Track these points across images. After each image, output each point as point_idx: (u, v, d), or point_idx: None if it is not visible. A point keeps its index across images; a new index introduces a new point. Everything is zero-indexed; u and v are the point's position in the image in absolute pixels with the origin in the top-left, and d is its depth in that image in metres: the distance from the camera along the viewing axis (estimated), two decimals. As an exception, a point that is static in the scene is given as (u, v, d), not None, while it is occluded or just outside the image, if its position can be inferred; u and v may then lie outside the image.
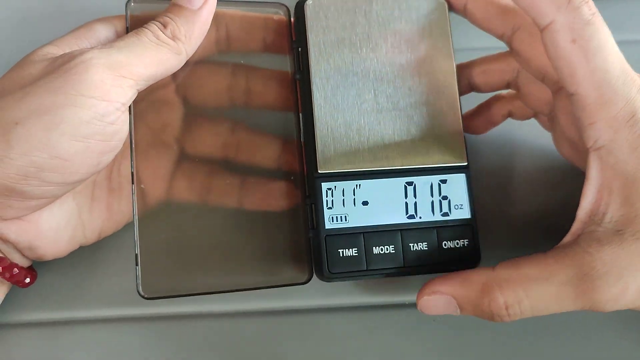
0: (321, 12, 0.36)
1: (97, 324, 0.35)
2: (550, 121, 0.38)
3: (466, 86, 0.39)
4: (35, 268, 0.35)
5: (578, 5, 0.29)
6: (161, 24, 0.33)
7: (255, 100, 0.37)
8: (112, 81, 0.30)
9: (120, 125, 0.31)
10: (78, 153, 0.30)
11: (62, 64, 0.30)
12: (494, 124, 0.41)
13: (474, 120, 0.41)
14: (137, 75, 0.31)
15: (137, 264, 0.33)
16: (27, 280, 0.34)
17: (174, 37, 0.33)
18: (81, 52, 0.30)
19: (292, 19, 0.37)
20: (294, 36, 0.37)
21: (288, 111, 0.37)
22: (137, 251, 0.33)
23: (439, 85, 0.37)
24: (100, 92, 0.30)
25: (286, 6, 0.37)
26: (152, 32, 0.32)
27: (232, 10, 0.37)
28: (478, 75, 0.38)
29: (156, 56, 0.32)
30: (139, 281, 0.33)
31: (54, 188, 0.31)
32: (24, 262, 0.34)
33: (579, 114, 0.31)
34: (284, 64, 0.37)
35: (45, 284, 0.36)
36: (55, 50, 0.32)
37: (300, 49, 0.36)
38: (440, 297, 0.33)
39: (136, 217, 0.33)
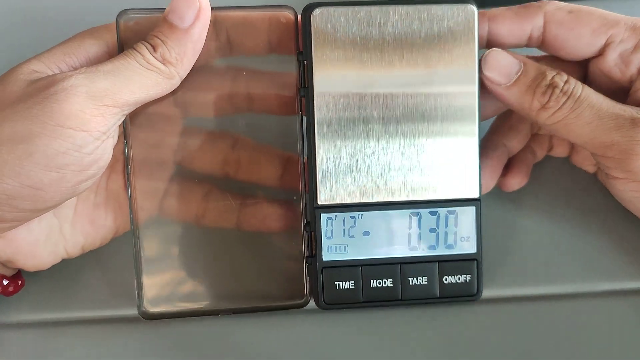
0: (329, 25, 0.32)
1: (90, 324, 0.36)
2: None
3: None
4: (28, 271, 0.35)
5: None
6: (151, 46, 0.30)
7: (258, 111, 0.34)
8: (93, 111, 0.29)
9: (99, 154, 0.30)
10: (52, 183, 0.29)
11: (43, 88, 0.29)
12: (529, 169, 0.38)
13: (511, 177, 0.37)
14: (123, 102, 0.30)
15: (137, 286, 0.34)
16: (11, 289, 0.34)
17: (164, 61, 0.30)
18: (63, 78, 0.29)
19: (299, 21, 0.33)
20: (300, 46, 0.33)
21: (292, 125, 0.34)
22: (137, 273, 0.34)
23: (458, 110, 0.33)
24: (78, 122, 0.28)
25: (292, 8, 0.33)
26: (141, 56, 0.30)
27: (233, 12, 0.33)
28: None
29: (145, 82, 0.30)
30: (140, 303, 0.34)
31: (27, 214, 0.30)
32: (6, 272, 0.34)
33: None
34: (290, 70, 0.34)
35: (37, 286, 0.36)
36: (41, 67, 0.31)
37: (305, 63, 0.33)
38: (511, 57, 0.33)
39: (136, 240, 0.34)
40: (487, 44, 0.34)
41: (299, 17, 0.33)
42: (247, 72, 0.34)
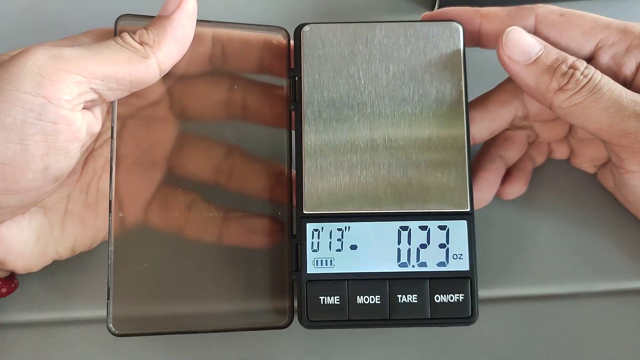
0: (318, 40, 0.34)
1: (89, 324, 0.36)
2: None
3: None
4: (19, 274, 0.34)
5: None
6: (132, 32, 0.31)
7: (249, 122, 0.35)
8: (53, 75, 0.28)
9: (65, 124, 0.29)
10: (16, 156, 0.28)
11: (11, 57, 0.29)
12: (527, 177, 0.38)
13: (509, 186, 0.37)
14: (89, 72, 0.29)
15: (108, 298, 0.32)
16: (4, 290, 0.33)
17: (141, 42, 0.31)
18: (33, 46, 0.29)
19: (291, 44, 0.35)
20: (292, 63, 0.35)
21: (281, 138, 0.35)
22: (110, 285, 0.32)
23: (446, 122, 0.33)
24: (35, 86, 0.28)
25: (286, 30, 0.35)
26: (120, 38, 0.31)
27: (229, 29, 0.35)
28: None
29: (116, 56, 0.30)
30: (110, 317, 0.32)
31: (2, 197, 0.29)
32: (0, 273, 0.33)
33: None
34: (280, 89, 0.35)
35: (35, 286, 0.36)
36: None
37: (297, 78, 0.34)
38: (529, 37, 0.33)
39: (111, 249, 0.32)
40: (479, 41, 0.35)
41: (292, 40, 0.35)
42: (240, 84, 0.35)
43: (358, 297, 0.32)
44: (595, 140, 0.35)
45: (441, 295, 0.32)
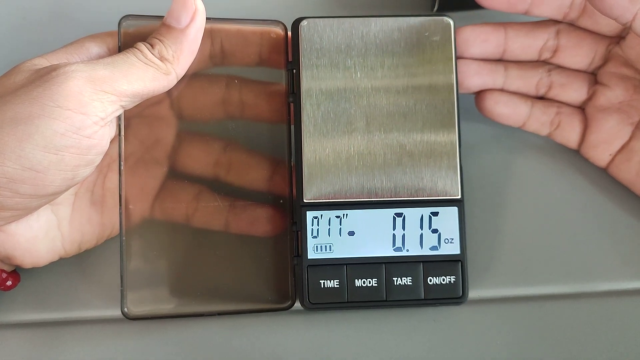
0: (316, 34, 0.35)
1: (89, 325, 0.36)
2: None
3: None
4: (25, 268, 0.35)
5: None
6: (150, 44, 0.33)
7: (248, 118, 0.36)
8: (92, 94, 0.30)
9: (97, 139, 0.31)
10: (51, 165, 0.30)
11: (45, 74, 0.30)
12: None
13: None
14: (120, 91, 0.31)
15: (122, 285, 0.34)
16: (9, 283, 0.35)
17: (161, 58, 0.32)
18: (65, 64, 0.31)
19: (289, 36, 0.36)
20: (290, 56, 0.36)
21: (281, 131, 0.36)
22: (123, 272, 0.34)
23: (438, 114, 0.35)
24: (76, 104, 0.30)
25: (283, 23, 0.36)
26: (140, 52, 0.32)
27: (227, 25, 0.36)
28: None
29: (142, 75, 0.32)
30: (124, 301, 0.34)
31: (27, 200, 0.31)
32: (5, 267, 0.35)
33: None
34: (279, 82, 0.36)
35: (35, 285, 0.37)
36: (44, 62, 0.32)
37: (294, 71, 0.35)
38: None
39: (122, 239, 0.34)
40: None
41: (289, 33, 0.36)
42: (239, 81, 0.36)
43: (356, 280, 0.34)
44: (618, 110, 0.35)
45: (434, 278, 0.35)
